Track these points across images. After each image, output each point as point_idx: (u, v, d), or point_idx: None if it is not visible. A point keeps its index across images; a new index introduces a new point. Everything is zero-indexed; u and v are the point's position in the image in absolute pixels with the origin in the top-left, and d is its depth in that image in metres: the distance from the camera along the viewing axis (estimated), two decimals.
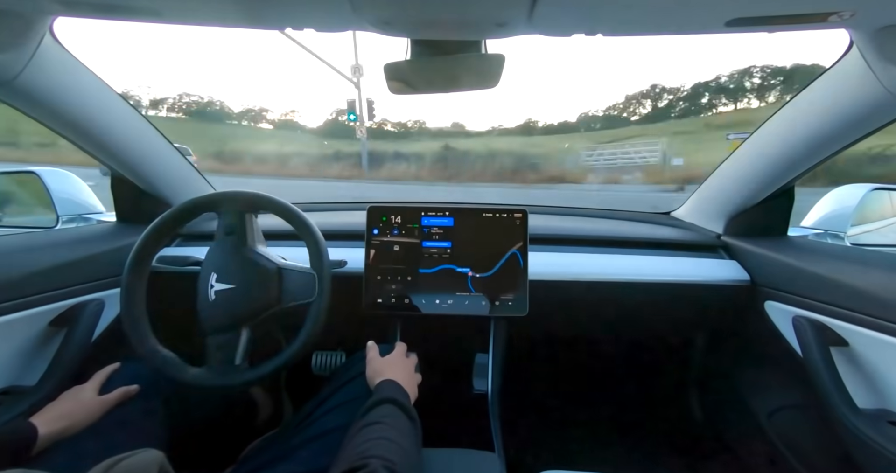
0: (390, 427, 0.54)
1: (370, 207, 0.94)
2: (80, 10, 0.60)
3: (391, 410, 0.58)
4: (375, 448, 0.48)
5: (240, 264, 0.77)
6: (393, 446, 0.50)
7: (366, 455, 0.47)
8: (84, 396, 0.66)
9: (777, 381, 0.96)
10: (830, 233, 1.12)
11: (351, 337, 0.89)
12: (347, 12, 0.54)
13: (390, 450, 0.49)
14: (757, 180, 0.96)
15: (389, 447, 0.50)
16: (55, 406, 0.63)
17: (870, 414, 0.71)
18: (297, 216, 0.79)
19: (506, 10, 0.53)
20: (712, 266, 1.02)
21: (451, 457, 0.71)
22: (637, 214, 1.31)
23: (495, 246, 0.93)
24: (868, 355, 0.74)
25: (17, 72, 0.67)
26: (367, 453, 0.47)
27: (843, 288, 0.76)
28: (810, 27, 0.57)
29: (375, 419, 0.56)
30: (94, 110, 0.84)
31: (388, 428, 0.54)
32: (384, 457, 0.47)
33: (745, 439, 1.02)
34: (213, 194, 0.81)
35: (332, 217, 1.18)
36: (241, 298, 0.75)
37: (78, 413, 0.62)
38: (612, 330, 1.23)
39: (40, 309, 0.78)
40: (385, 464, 0.46)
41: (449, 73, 0.71)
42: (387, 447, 0.49)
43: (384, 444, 0.50)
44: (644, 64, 47.02)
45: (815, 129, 0.80)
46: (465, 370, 0.94)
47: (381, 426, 0.54)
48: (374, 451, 0.48)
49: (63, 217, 1.14)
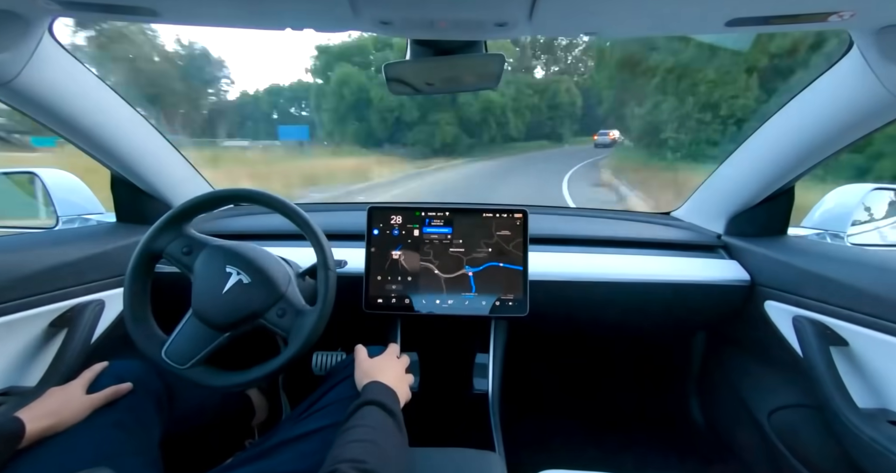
0: (367, 428, 0.55)
1: (370, 207, 0.94)
2: (80, 10, 0.60)
3: (371, 411, 0.58)
4: (349, 452, 0.49)
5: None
6: (368, 446, 0.51)
7: (338, 460, 0.48)
8: (71, 394, 0.65)
9: (777, 381, 0.96)
10: (830, 232, 1.12)
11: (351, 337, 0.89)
12: (347, 13, 0.54)
13: (363, 451, 0.50)
14: (757, 180, 0.96)
15: (363, 447, 0.50)
16: (41, 404, 0.62)
17: (870, 414, 0.71)
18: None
19: (506, 10, 0.53)
20: (712, 266, 1.02)
21: (452, 457, 0.71)
22: (637, 214, 1.32)
23: (495, 247, 0.93)
24: (868, 355, 0.74)
25: (16, 72, 0.67)
26: (339, 458, 0.48)
27: (843, 288, 0.76)
28: (810, 27, 0.57)
29: (354, 422, 0.56)
30: (94, 110, 0.84)
31: (367, 431, 0.54)
32: (355, 459, 0.48)
33: (745, 439, 1.02)
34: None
35: (332, 217, 1.18)
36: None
37: (64, 411, 0.61)
38: (613, 331, 1.23)
39: (40, 310, 0.78)
40: (355, 466, 0.46)
41: (449, 73, 0.71)
42: (361, 449, 0.50)
43: (359, 446, 0.51)
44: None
45: (816, 129, 0.80)
46: (465, 370, 0.94)
47: (360, 428, 0.55)
48: (346, 454, 0.49)
49: (63, 217, 1.14)
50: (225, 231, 1.08)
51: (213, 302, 0.73)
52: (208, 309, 0.73)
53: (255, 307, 0.73)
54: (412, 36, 0.65)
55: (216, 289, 0.73)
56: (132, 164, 0.97)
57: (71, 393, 0.65)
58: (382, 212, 0.94)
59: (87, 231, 1.03)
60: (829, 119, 0.76)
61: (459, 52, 0.66)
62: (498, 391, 0.92)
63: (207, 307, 0.73)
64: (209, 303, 0.73)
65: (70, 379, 0.69)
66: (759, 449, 0.97)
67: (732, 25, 0.56)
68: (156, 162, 1.02)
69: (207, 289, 0.74)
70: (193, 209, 0.79)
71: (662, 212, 1.31)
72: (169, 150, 1.04)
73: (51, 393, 0.65)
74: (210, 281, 0.74)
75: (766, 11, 0.53)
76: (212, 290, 0.73)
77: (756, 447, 0.98)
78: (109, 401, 0.67)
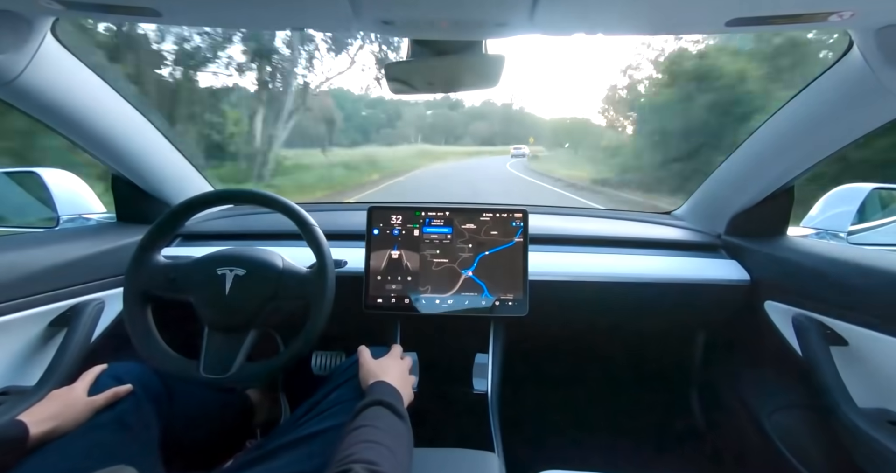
0: (377, 430, 0.55)
1: (370, 207, 0.94)
2: (82, 10, 0.60)
3: (380, 412, 0.58)
4: (360, 452, 0.49)
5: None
6: (378, 448, 0.51)
7: (348, 460, 0.48)
8: (72, 396, 0.64)
9: (777, 381, 0.96)
10: (831, 232, 1.12)
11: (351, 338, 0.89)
12: (348, 13, 0.54)
13: (374, 453, 0.50)
14: (757, 180, 0.96)
15: (374, 449, 0.50)
16: (43, 407, 0.62)
17: (870, 414, 0.71)
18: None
19: (506, 10, 0.53)
20: (713, 265, 1.02)
21: (452, 457, 0.71)
22: (637, 214, 1.32)
23: (495, 247, 0.93)
24: (868, 355, 0.74)
25: (17, 72, 0.67)
26: (350, 458, 0.48)
27: (843, 287, 0.76)
28: (810, 27, 0.58)
29: (363, 422, 0.56)
30: (95, 110, 0.84)
31: (375, 431, 0.54)
32: (367, 460, 0.47)
33: (745, 439, 1.02)
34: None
35: (332, 217, 1.18)
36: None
37: (66, 414, 0.61)
38: (613, 330, 1.23)
39: (40, 310, 0.78)
40: (367, 467, 0.46)
41: (449, 73, 0.71)
42: (371, 450, 0.50)
43: (369, 447, 0.50)
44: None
45: (815, 129, 0.80)
46: (465, 370, 0.94)
47: (369, 429, 0.54)
48: (357, 455, 0.48)
49: (63, 217, 1.14)
50: (225, 231, 1.08)
51: (221, 308, 0.74)
52: (221, 316, 0.74)
53: (263, 291, 0.74)
54: (413, 36, 0.65)
55: (219, 294, 0.74)
56: (133, 164, 0.97)
57: (72, 395, 0.65)
58: (382, 212, 0.94)
59: (88, 230, 1.03)
60: (829, 118, 0.76)
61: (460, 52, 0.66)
62: (498, 391, 0.92)
63: (219, 316, 0.74)
64: (220, 311, 0.74)
65: (70, 378, 0.69)
66: (759, 449, 0.96)
67: (732, 25, 0.56)
68: (156, 161, 1.02)
69: (211, 299, 0.74)
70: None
71: (663, 212, 1.31)
72: (170, 150, 1.04)
73: (52, 396, 0.65)
74: (210, 290, 0.74)
75: (766, 11, 0.53)
76: (215, 297, 0.74)
77: (756, 447, 0.97)
78: (110, 403, 0.66)
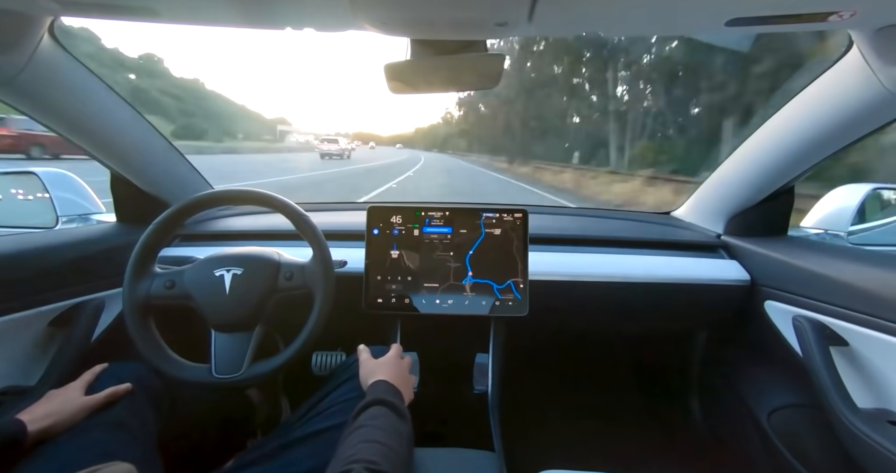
0: (378, 429, 0.55)
1: (370, 207, 0.94)
2: (80, 10, 0.60)
3: (380, 411, 0.58)
4: (361, 452, 0.49)
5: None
6: (380, 447, 0.51)
7: (350, 460, 0.48)
8: (70, 396, 0.64)
9: (777, 381, 0.96)
10: (830, 232, 1.12)
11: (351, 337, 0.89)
12: (347, 12, 0.54)
13: (376, 452, 0.50)
14: (757, 180, 0.96)
15: (375, 449, 0.50)
16: (41, 406, 0.62)
17: (870, 414, 0.71)
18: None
19: (506, 9, 0.53)
20: (712, 266, 1.02)
21: (451, 457, 0.71)
22: (637, 214, 1.32)
23: (495, 246, 0.93)
24: (868, 355, 0.74)
25: (16, 72, 0.67)
26: (352, 458, 0.48)
27: (843, 287, 0.76)
28: (810, 27, 0.57)
29: (364, 421, 0.56)
30: (94, 110, 0.84)
31: (376, 431, 0.54)
32: (368, 460, 0.47)
33: (745, 439, 1.02)
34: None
35: (332, 217, 1.18)
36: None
37: (63, 413, 0.61)
38: (612, 330, 1.23)
39: (40, 310, 0.78)
40: (368, 467, 0.46)
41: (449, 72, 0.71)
42: (373, 449, 0.50)
43: (370, 447, 0.50)
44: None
45: (815, 129, 0.80)
46: (465, 370, 0.94)
47: (370, 428, 0.54)
48: (359, 455, 0.49)
49: (63, 217, 1.14)
50: (225, 231, 1.08)
51: (224, 308, 0.74)
52: (225, 317, 0.74)
53: (263, 285, 0.75)
54: (412, 35, 0.65)
55: (219, 295, 0.74)
56: (132, 163, 0.97)
57: (70, 394, 0.65)
58: (382, 212, 0.94)
59: (87, 231, 1.03)
60: (828, 118, 0.76)
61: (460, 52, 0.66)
62: (498, 391, 0.92)
63: (224, 316, 0.74)
64: (223, 312, 0.74)
65: (69, 377, 0.69)
66: (759, 449, 0.96)
67: (732, 25, 0.56)
68: (156, 161, 1.02)
69: (213, 301, 0.74)
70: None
71: (662, 212, 1.31)
72: (169, 150, 1.04)
73: (50, 395, 0.65)
74: (210, 291, 0.75)
75: (766, 11, 0.53)
76: (216, 298, 0.74)
77: (756, 447, 0.97)
78: (109, 402, 0.66)
